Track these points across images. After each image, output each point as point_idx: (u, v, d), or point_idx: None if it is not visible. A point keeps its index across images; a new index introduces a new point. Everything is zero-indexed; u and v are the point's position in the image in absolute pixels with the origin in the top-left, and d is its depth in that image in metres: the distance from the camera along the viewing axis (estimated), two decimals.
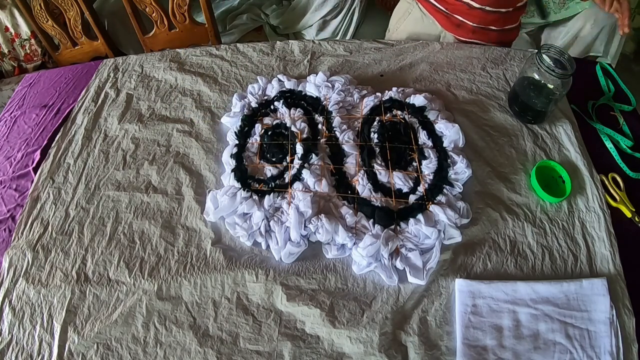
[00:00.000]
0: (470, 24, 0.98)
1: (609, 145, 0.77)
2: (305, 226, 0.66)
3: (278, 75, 0.90)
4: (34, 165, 0.83)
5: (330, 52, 0.97)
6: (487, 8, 0.94)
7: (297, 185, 0.71)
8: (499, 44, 1.02)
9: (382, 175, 0.72)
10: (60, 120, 0.91)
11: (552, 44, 0.75)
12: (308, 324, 0.60)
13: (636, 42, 1.89)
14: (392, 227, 0.66)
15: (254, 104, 0.86)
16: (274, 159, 0.77)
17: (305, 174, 0.72)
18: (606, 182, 0.71)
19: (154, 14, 1.39)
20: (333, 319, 0.60)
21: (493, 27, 0.99)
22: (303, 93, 0.87)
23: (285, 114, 0.82)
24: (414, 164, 0.74)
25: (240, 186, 0.72)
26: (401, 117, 0.80)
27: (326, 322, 0.59)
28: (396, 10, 1.16)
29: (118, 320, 0.62)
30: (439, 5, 1.00)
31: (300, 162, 0.74)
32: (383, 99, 0.83)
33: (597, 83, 0.89)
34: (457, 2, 0.96)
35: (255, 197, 0.70)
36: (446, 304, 0.61)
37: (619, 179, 0.71)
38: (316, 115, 0.82)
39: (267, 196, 0.70)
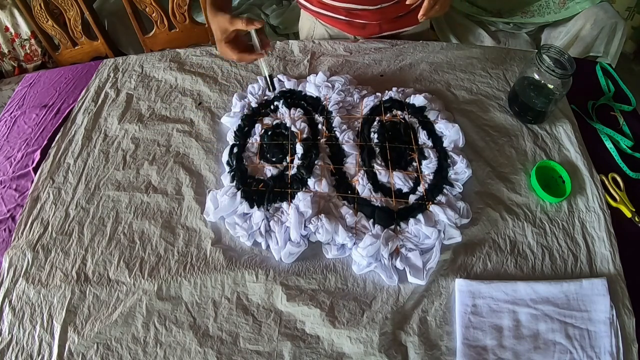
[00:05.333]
0: (374, 22, 0.97)
1: (609, 145, 0.77)
2: (305, 226, 0.66)
3: (278, 75, 0.90)
4: (34, 165, 0.83)
5: (330, 52, 0.97)
6: (384, 5, 0.93)
7: (297, 185, 0.71)
8: (412, 28, 1.01)
9: (382, 175, 0.72)
10: (60, 120, 0.91)
11: (552, 44, 0.75)
12: (308, 324, 0.60)
13: (636, 42, 1.89)
14: (392, 227, 0.66)
15: (254, 104, 0.86)
16: (274, 159, 0.77)
17: (305, 174, 0.72)
18: (606, 182, 0.71)
19: (154, 14, 1.39)
20: (333, 319, 0.60)
21: (399, 14, 0.97)
22: (303, 93, 0.87)
23: (285, 114, 0.83)
24: (414, 164, 0.74)
25: (240, 186, 0.72)
26: (401, 117, 0.80)
27: (326, 322, 0.59)
28: (301, 28, 1.13)
29: (118, 320, 0.62)
30: (338, 16, 0.98)
31: (300, 162, 0.74)
32: (383, 99, 0.83)
33: (597, 83, 0.89)
34: (354, 10, 0.95)
35: (255, 197, 0.70)
36: (446, 304, 0.61)
37: (619, 179, 0.71)
38: (316, 115, 0.82)
39: (267, 196, 0.70)
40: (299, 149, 0.76)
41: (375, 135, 0.77)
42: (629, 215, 0.68)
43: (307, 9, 1.03)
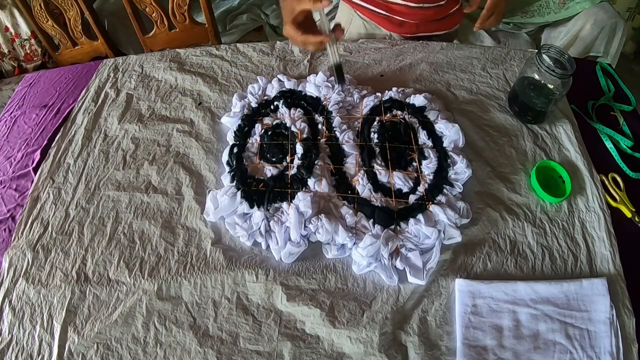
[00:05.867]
0: (412, 21, 0.99)
1: (609, 145, 0.77)
2: (305, 226, 0.66)
3: (278, 75, 0.90)
4: (34, 165, 0.83)
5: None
6: (425, 5, 0.95)
7: (297, 185, 0.71)
8: (444, 32, 1.03)
9: (382, 175, 0.72)
10: (60, 120, 0.91)
11: (552, 44, 0.75)
12: (308, 324, 0.60)
13: (636, 42, 1.89)
14: (392, 227, 0.66)
15: (254, 104, 0.86)
16: (274, 159, 0.77)
17: (305, 174, 0.72)
18: (606, 182, 0.71)
19: (154, 14, 1.39)
20: (333, 319, 0.60)
21: (435, 18, 0.99)
22: (303, 93, 0.87)
23: (285, 114, 0.83)
24: (414, 164, 0.74)
25: (240, 186, 0.72)
26: (401, 117, 0.80)
27: (326, 322, 0.59)
28: (338, 17, 1.15)
29: (118, 320, 0.62)
30: (378, 10, 1.00)
31: (300, 162, 0.74)
32: (383, 99, 0.83)
33: (597, 83, 0.89)
34: (394, 5, 0.96)
35: (255, 197, 0.70)
36: (446, 304, 0.61)
37: (619, 179, 0.71)
38: (316, 115, 0.82)
39: (267, 196, 0.70)
40: (299, 149, 0.76)
41: (375, 135, 0.77)
42: (629, 215, 0.68)
43: (346, 0, 1.05)
